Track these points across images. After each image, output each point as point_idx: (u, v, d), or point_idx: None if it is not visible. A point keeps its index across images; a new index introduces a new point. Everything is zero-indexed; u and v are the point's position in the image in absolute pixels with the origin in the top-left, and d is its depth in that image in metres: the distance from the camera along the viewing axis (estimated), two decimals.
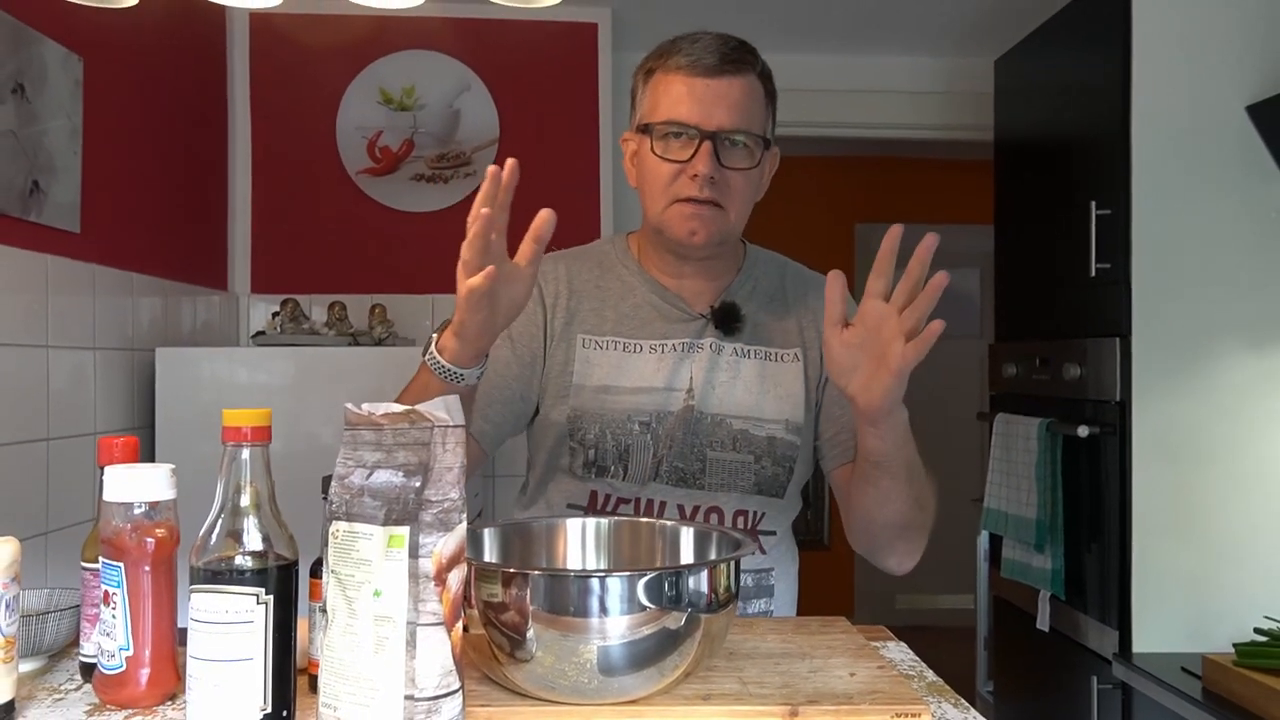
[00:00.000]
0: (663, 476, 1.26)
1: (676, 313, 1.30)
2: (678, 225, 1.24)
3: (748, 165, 1.23)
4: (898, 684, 0.92)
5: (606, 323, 1.30)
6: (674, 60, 1.22)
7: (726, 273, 1.33)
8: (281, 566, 0.81)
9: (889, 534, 1.20)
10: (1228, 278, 2.03)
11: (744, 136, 1.22)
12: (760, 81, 1.26)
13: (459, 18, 2.78)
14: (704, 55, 1.21)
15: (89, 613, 0.93)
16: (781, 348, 1.31)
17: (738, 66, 1.22)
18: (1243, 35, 2.04)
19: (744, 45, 1.25)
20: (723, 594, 0.87)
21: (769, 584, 1.31)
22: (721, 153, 1.21)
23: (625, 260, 1.35)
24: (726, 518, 1.27)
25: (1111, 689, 2.04)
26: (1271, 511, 2.02)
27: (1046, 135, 2.47)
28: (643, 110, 1.26)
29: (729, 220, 1.24)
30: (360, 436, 0.79)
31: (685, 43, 1.23)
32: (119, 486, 0.87)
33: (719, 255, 1.30)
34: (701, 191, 1.21)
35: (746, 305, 1.31)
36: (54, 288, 1.89)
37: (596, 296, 1.32)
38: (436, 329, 1.09)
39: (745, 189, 1.24)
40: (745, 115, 1.22)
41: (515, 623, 0.82)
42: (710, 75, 1.21)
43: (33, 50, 1.81)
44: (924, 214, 5.04)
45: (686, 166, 1.21)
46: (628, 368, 1.28)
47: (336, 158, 2.93)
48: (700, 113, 1.21)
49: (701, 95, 1.21)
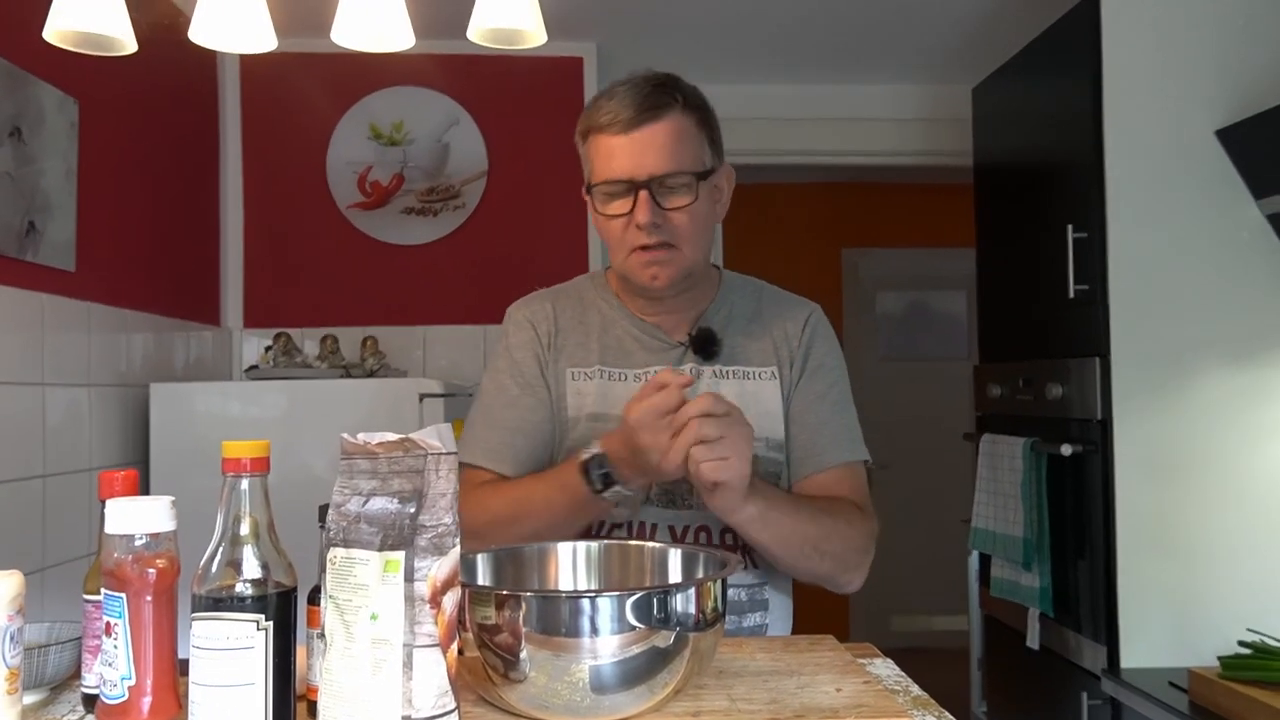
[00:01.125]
0: (653, 499, 1.30)
1: (656, 343, 1.35)
2: (639, 273, 1.29)
3: (688, 201, 1.26)
4: (883, 698, 0.94)
5: (592, 354, 1.35)
6: (598, 120, 1.26)
7: (701, 300, 1.37)
8: (281, 593, 0.83)
9: (804, 580, 1.31)
10: (1203, 297, 2.08)
11: (678, 176, 1.25)
12: (687, 114, 1.27)
13: (447, 54, 2.82)
14: (621, 110, 1.24)
15: (90, 644, 0.95)
16: (759, 366, 1.35)
17: (656, 111, 1.24)
18: (1211, 61, 2.09)
19: (662, 85, 1.26)
20: (710, 613, 0.90)
21: (762, 598, 1.33)
22: (660, 197, 1.24)
23: (605, 295, 1.39)
24: (714, 536, 1.30)
25: (1101, 704, 2.06)
26: (1252, 525, 2.05)
27: (1024, 160, 2.52)
28: (587, 173, 1.31)
29: (686, 257, 1.28)
30: (356, 465, 0.82)
31: (604, 99, 1.27)
32: (120, 519, 0.89)
33: (690, 287, 1.34)
34: (650, 238, 1.25)
35: (724, 330, 1.35)
36: (50, 326, 1.91)
37: (580, 331, 1.37)
38: (593, 461, 1.18)
39: (693, 224, 1.27)
40: (674, 156, 1.25)
41: (509, 644, 0.84)
42: (631, 128, 1.24)
43: (29, 93, 1.84)
44: (909, 238, 5.12)
45: (630, 218, 1.25)
46: (614, 396, 1.32)
47: (327, 193, 2.98)
48: (630, 166, 1.24)
49: (627, 149, 1.24)
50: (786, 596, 1.39)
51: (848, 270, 5.25)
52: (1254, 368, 2.08)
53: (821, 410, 1.34)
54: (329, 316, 2.94)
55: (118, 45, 1.14)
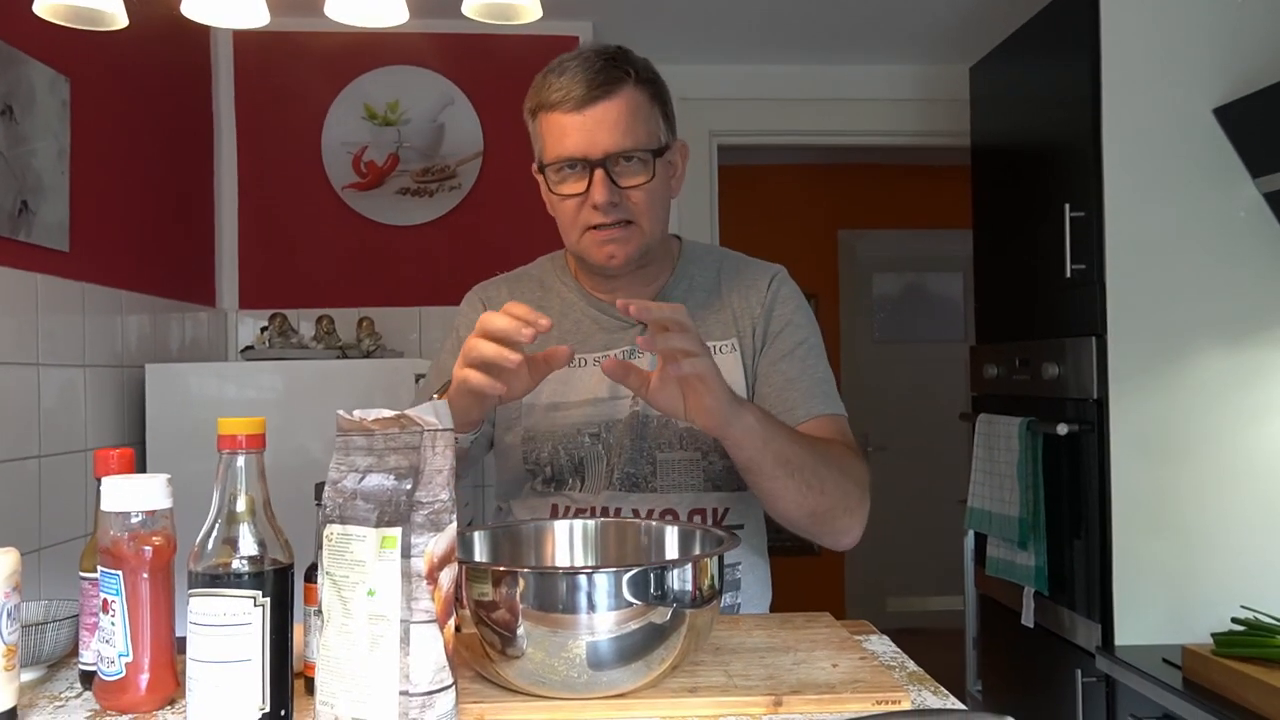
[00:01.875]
0: (616, 484, 1.28)
1: (614, 323, 1.33)
2: (595, 251, 1.26)
3: (645, 179, 1.24)
4: (879, 673, 0.94)
5: (550, 341, 1.32)
6: (548, 97, 1.23)
7: (659, 276, 1.35)
8: (277, 570, 0.83)
9: (801, 524, 1.21)
10: (1199, 277, 2.08)
11: (633, 153, 1.23)
12: (639, 88, 1.24)
13: (441, 33, 2.81)
14: (572, 87, 1.21)
15: (88, 621, 0.95)
16: (719, 340, 1.32)
17: (608, 87, 1.21)
18: (1209, 40, 2.08)
19: (613, 59, 1.23)
20: (706, 589, 0.90)
21: (734, 578, 1.31)
22: (615, 174, 1.22)
23: (564, 278, 1.38)
24: (682, 518, 1.28)
25: (1095, 682, 2.08)
26: (1246, 504, 2.06)
27: (1021, 140, 2.51)
28: (538, 150, 1.28)
29: (643, 234, 1.26)
30: (352, 442, 0.82)
31: (554, 76, 1.23)
32: (116, 496, 0.89)
33: (647, 264, 1.32)
34: (606, 216, 1.23)
35: (683, 304, 1.32)
36: (44, 306, 1.90)
37: None
38: (438, 390, 1.13)
39: (650, 200, 1.25)
40: (628, 132, 1.22)
41: (506, 620, 0.84)
42: (584, 105, 1.21)
43: (20, 72, 1.83)
44: (905, 219, 5.12)
45: (586, 197, 1.23)
46: (574, 383, 1.30)
47: (322, 173, 2.96)
48: (584, 143, 1.21)
49: (580, 126, 1.21)
50: (764, 575, 1.37)
51: (844, 252, 5.25)
52: (1250, 347, 2.08)
53: (788, 368, 1.30)
54: (324, 297, 2.93)
55: (108, 20, 1.13)
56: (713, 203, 3.55)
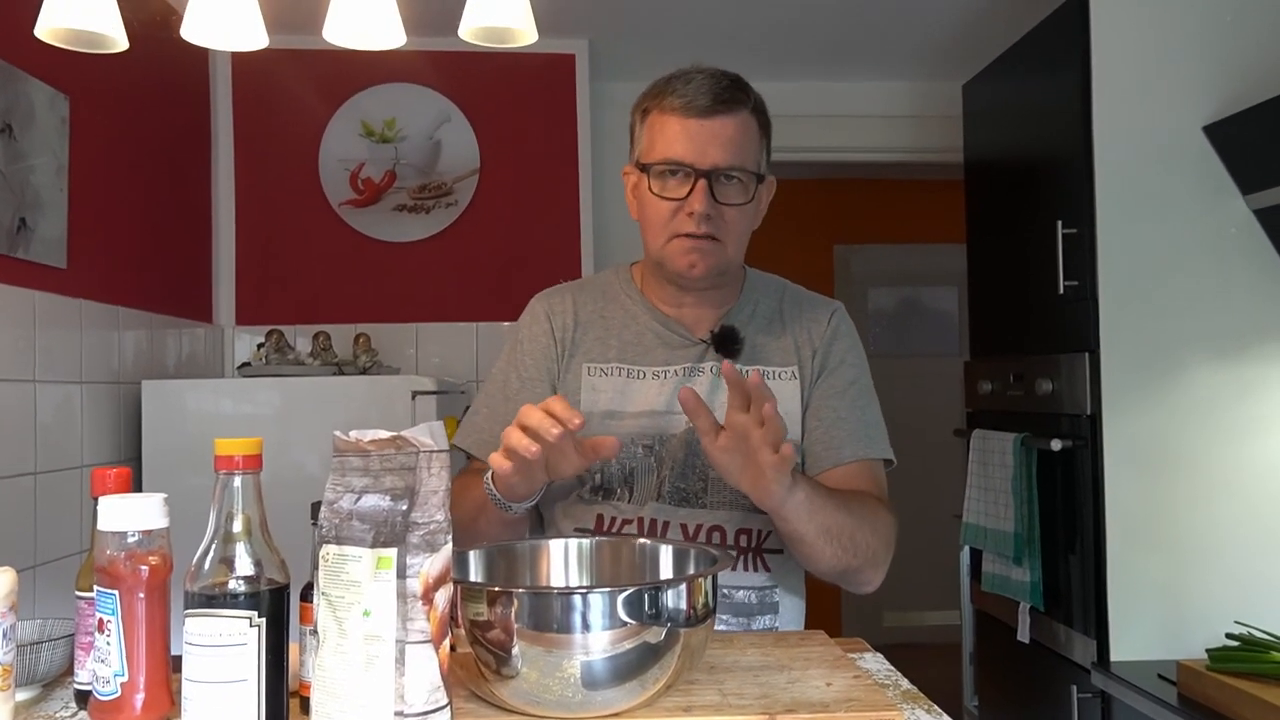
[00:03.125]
0: (665, 497, 1.29)
1: (678, 339, 1.34)
2: (678, 259, 1.28)
3: (743, 200, 1.27)
4: (873, 692, 0.95)
5: (610, 350, 1.34)
6: (669, 100, 1.26)
7: (727, 299, 1.37)
8: (273, 590, 0.83)
9: (832, 578, 1.26)
10: (1191, 292, 2.09)
11: (738, 173, 1.26)
12: (753, 116, 1.28)
13: (438, 51, 2.82)
14: (697, 96, 1.24)
15: (84, 640, 0.95)
16: (780, 365, 1.34)
17: (730, 105, 1.25)
18: (1199, 57, 2.10)
19: (737, 83, 1.28)
20: (701, 608, 0.90)
21: (773, 601, 1.32)
22: (716, 189, 1.25)
23: (628, 290, 1.39)
24: (729, 536, 1.30)
25: (1091, 697, 2.08)
26: (1240, 519, 2.07)
27: (1013, 156, 2.53)
28: (640, 148, 1.31)
29: (727, 253, 1.29)
30: (348, 462, 0.82)
31: (679, 83, 1.26)
32: (113, 516, 0.89)
33: (719, 285, 1.34)
34: (699, 227, 1.25)
35: (745, 328, 1.34)
36: (41, 322, 1.91)
37: (601, 325, 1.37)
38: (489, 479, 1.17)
39: (741, 222, 1.29)
40: (739, 152, 1.26)
41: (501, 640, 0.85)
42: (704, 115, 1.24)
43: (19, 89, 1.84)
44: (900, 234, 5.14)
45: (683, 204, 1.25)
46: (631, 393, 1.31)
47: (319, 190, 2.97)
48: (695, 152, 1.24)
49: (696, 134, 1.24)
50: (799, 598, 1.38)
51: (839, 266, 5.27)
52: (1242, 363, 2.09)
53: (840, 406, 1.33)
54: (321, 314, 2.93)
55: (109, 43, 1.14)
56: None
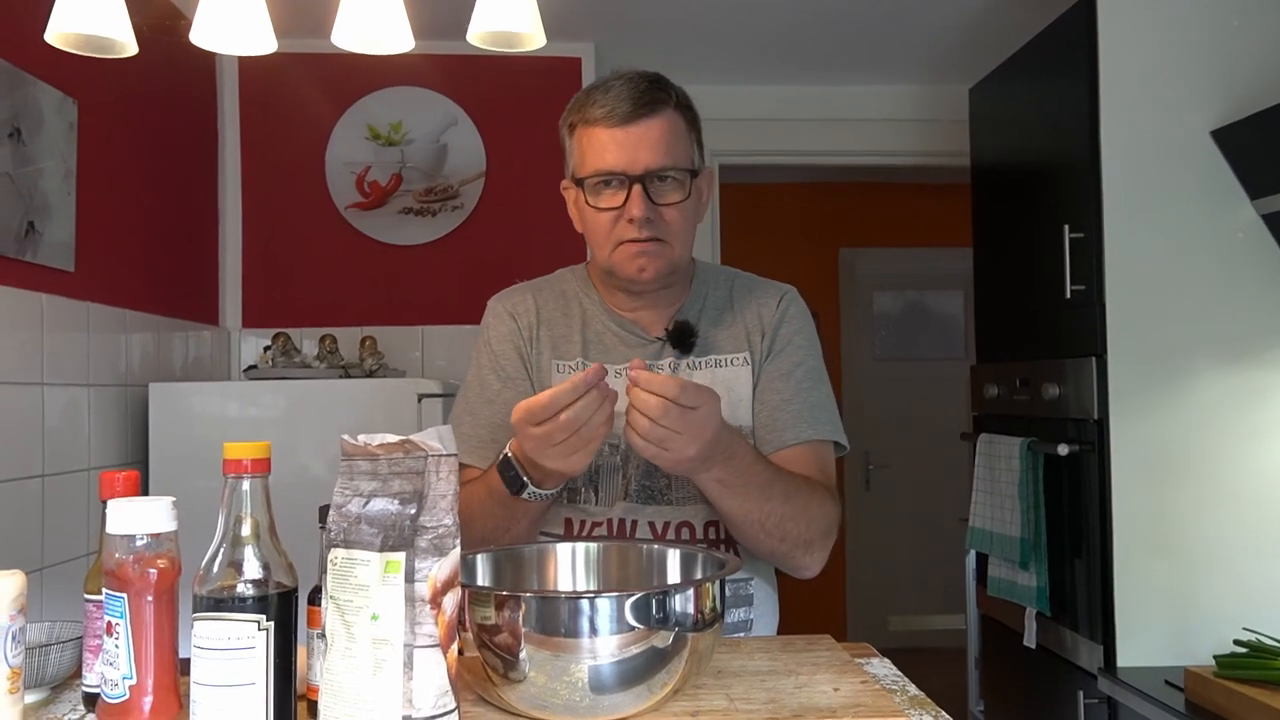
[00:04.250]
0: (632, 496, 1.30)
1: (635, 338, 1.36)
2: (626, 266, 1.29)
3: (680, 198, 1.28)
4: (880, 698, 0.95)
5: (575, 346, 1.36)
6: (591, 112, 1.28)
7: (678, 296, 1.38)
8: (282, 594, 0.83)
9: (767, 560, 1.29)
10: (1199, 297, 2.09)
11: (671, 172, 1.27)
12: (678, 113, 1.29)
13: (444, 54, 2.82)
14: (618, 104, 1.26)
15: (92, 643, 0.95)
16: (731, 353, 1.35)
17: (653, 107, 1.26)
18: (1207, 62, 2.10)
19: (657, 83, 1.29)
20: (708, 613, 0.90)
21: (747, 593, 1.33)
22: (652, 192, 1.26)
23: (586, 290, 1.40)
24: (698, 531, 1.30)
25: (1097, 703, 2.07)
26: (1248, 524, 2.06)
27: (1020, 161, 2.53)
28: (574, 163, 1.32)
29: (674, 252, 1.29)
30: (357, 466, 0.82)
31: (599, 93, 1.28)
32: (122, 519, 0.89)
33: (672, 284, 1.35)
34: (641, 232, 1.26)
35: (698, 321, 1.35)
36: (49, 325, 1.91)
37: (564, 323, 1.38)
38: (503, 463, 1.18)
39: (682, 220, 1.29)
40: (669, 151, 1.26)
41: (508, 644, 0.85)
42: (628, 121, 1.25)
43: (28, 94, 1.84)
44: (906, 238, 5.13)
45: (622, 211, 1.26)
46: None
47: (326, 193, 2.98)
48: (625, 159, 1.25)
49: (623, 142, 1.25)
50: (772, 591, 1.38)
51: (844, 270, 5.26)
52: (1250, 367, 2.09)
53: (784, 388, 1.33)
54: (327, 317, 2.94)
55: (119, 47, 1.14)
56: (714, 221, 3.57)
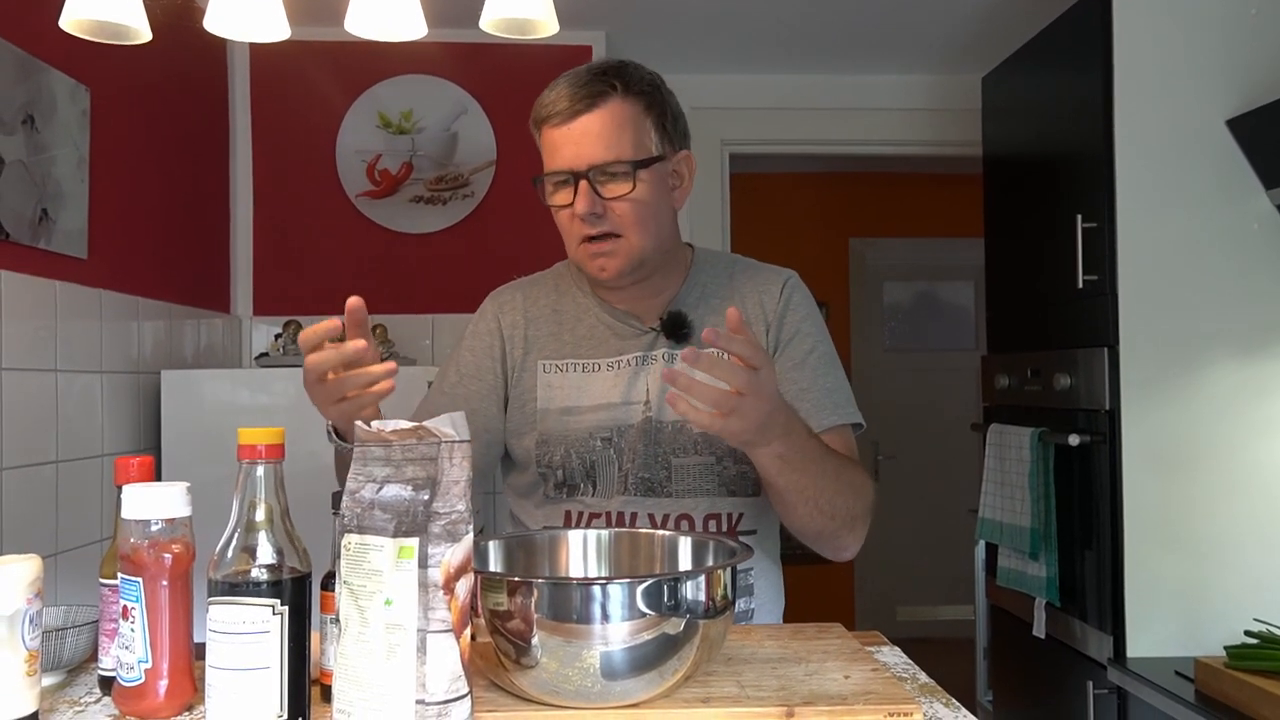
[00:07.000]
0: (630, 489, 1.29)
1: (628, 329, 1.35)
2: (588, 264, 1.30)
3: (626, 190, 1.25)
4: (891, 685, 0.95)
5: (565, 346, 1.35)
6: (541, 113, 1.28)
7: (669, 285, 1.36)
8: (295, 579, 0.84)
9: (806, 538, 1.25)
10: (1212, 288, 2.08)
11: (614, 165, 1.25)
12: (626, 101, 1.26)
13: (455, 42, 2.82)
14: (558, 102, 1.25)
15: (107, 627, 0.96)
16: None
17: (592, 100, 1.24)
18: (1221, 51, 2.08)
19: (601, 75, 1.26)
20: (720, 600, 0.90)
21: (748, 583, 1.32)
22: (600, 186, 1.25)
23: (579, 283, 1.40)
24: (697, 523, 1.30)
25: (1107, 694, 2.07)
26: (1258, 516, 2.06)
27: (1033, 150, 2.51)
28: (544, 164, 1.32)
29: (633, 245, 1.27)
30: (370, 453, 0.83)
31: (548, 93, 1.28)
32: (137, 504, 0.90)
33: (649, 274, 1.33)
34: (591, 228, 1.26)
35: (695, 310, 1.33)
36: (62, 313, 1.92)
37: (554, 321, 1.37)
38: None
39: (639, 211, 1.26)
40: (613, 144, 1.24)
41: (520, 630, 0.85)
42: (569, 119, 1.25)
43: (41, 81, 1.85)
44: (917, 228, 5.11)
45: (574, 210, 1.26)
46: (587, 387, 1.32)
47: (336, 181, 2.98)
48: (569, 156, 1.25)
49: (566, 140, 1.25)
50: (777, 580, 1.38)
51: (855, 260, 5.25)
52: (1263, 359, 2.08)
53: (800, 377, 1.31)
54: (338, 304, 2.89)
55: (133, 34, 1.14)
56: (724, 211, 3.56)
